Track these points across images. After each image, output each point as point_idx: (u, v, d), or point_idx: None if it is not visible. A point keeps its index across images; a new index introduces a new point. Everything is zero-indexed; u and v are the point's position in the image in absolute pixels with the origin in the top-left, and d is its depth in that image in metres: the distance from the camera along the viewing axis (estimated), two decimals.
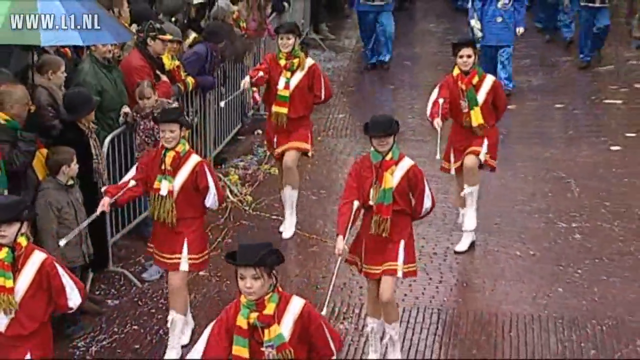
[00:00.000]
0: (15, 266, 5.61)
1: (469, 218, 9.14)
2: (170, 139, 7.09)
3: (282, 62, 9.13)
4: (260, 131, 11.87)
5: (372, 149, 7.04)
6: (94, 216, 7.17)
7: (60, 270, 5.74)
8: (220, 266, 9.15)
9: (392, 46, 15.46)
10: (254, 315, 5.02)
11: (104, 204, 7.06)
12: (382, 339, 7.41)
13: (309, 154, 9.68)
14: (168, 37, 9.53)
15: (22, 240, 5.64)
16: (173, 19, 10.65)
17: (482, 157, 8.91)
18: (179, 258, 7.22)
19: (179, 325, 7.37)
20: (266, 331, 5.04)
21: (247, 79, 9.35)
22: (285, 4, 13.64)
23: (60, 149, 8.02)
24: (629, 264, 9.51)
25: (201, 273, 8.61)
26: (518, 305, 8.69)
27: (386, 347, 7.39)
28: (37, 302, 5.68)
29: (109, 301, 8.50)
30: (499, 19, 13.46)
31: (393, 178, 6.92)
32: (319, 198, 10.82)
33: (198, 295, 8.54)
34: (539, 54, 16.27)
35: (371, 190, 6.95)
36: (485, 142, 8.91)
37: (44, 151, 8.00)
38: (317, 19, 16.84)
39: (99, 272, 8.73)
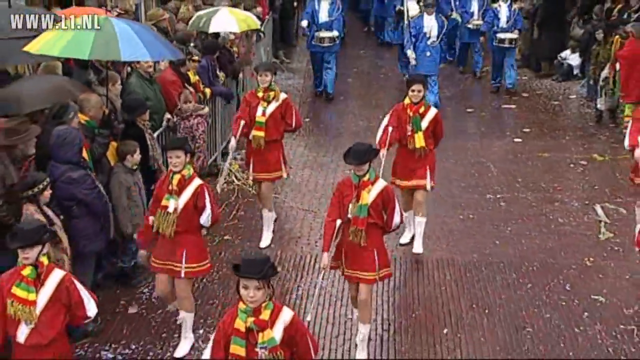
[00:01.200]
0: (37, 282, 5.30)
1: (418, 243, 8.70)
2: (177, 164, 6.81)
3: (260, 94, 8.75)
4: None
5: (351, 171, 6.81)
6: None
7: (78, 285, 5.47)
8: (240, 231, 9.50)
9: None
10: (251, 319, 4.84)
11: (142, 256, 7.21)
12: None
13: (284, 176, 9.24)
14: (196, 58, 9.82)
15: (44, 260, 5.38)
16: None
17: (428, 188, 8.59)
18: (179, 267, 6.90)
19: (189, 321, 7.13)
20: (260, 334, 4.87)
21: (232, 142, 8.94)
22: (262, 34, 13.74)
23: (126, 142, 8.12)
24: (543, 222, 9.92)
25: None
26: (469, 255, 9.04)
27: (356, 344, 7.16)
28: (55, 313, 5.37)
29: None
30: (428, 54, 13.36)
31: (369, 195, 6.69)
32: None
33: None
34: (452, 75, 16.54)
35: (350, 206, 6.70)
36: (428, 170, 8.56)
37: (114, 144, 8.11)
38: (275, 47, 16.98)
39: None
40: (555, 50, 16.39)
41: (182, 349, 7.10)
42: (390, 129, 8.42)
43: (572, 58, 15.99)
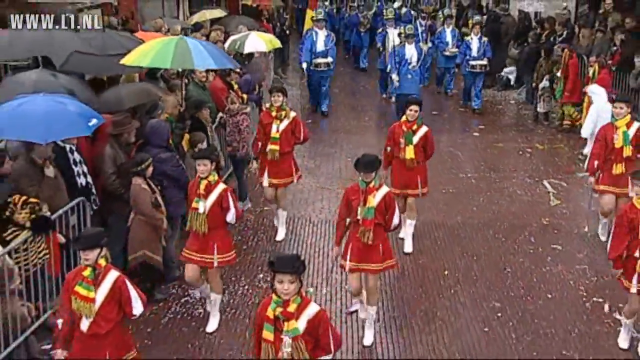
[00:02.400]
0: (96, 282, 5.03)
1: (408, 243, 8.41)
2: (204, 171, 6.54)
3: (274, 113, 8.42)
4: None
5: (360, 178, 6.46)
6: None
7: (129, 285, 5.15)
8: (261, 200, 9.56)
9: None
10: (279, 309, 4.60)
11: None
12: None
13: (294, 181, 8.90)
14: (238, 71, 10.08)
15: (102, 261, 5.09)
16: None
17: (420, 196, 8.37)
18: (212, 258, 6.65)
19: (218, 302, 6.92)
20: (286, 323, 4.61)
21: (254, 164, 8.90)
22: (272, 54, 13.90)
23: (195, 134, 8.31)
24: (506, 194, 10.28)
25: None
26: (454, 218, 9.42)
27: (365, 323, 6.80)
28: (111, 308, 5.07)
29: None
30: (409, 76, 13.01)
31: (375, 199, 6.38)
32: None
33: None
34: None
35: (359, 209, 6.38)
36: (419, 180, 8.26)
37: (187, 135, 8.33)
38: (275, 65, 16.91)
39: None
40: (494, 67, 16.30)
41: (212, 325, 6.88)
42: (388, 149, 8.21)
43: (510, 72, 16.57)
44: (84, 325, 5.03)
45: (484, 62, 14.37)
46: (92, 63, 8.23)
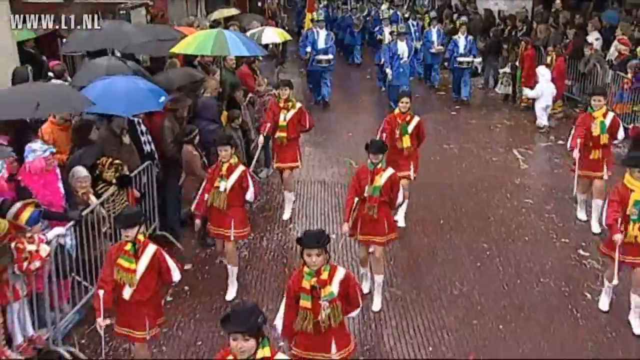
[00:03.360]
0: (136, 255, 4.95)
1: (401, 216, 8.13)
2: (225, 156, 6.39)
3: (281, 104, 8.32)
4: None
5: (368, 160, 6.30)
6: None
7: (166, 256, 5.07)
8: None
9: None
10: (314, 279, 4.48)
11: (197, 224, 6.58)
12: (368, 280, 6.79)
13: (300, 166, 8.71)
14: (260, 59, 10.24)
15: (141, 237, 4.98)
16: None
17: (412, 177, 8.03)
18: (229, 232, 6.48)
19: (235, 272, 6.72)
20: (322, 290, 4.50)
21: (261, 138, 8.59)
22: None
23: (233, 110, 8.68)
24: (483, 160, 10.58)
25: None
26: (444, 180, 9.73)
27: (372, 291, 6.64)
28: (150, 278, 4.99)
29: None
30: (401, 70, 12.93)
31: (381, 179, 6.23)
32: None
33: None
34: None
35: (366, 187, 6.23)
36: (411, 165, 7.96)
37: (225, 112, 8.63)
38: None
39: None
40: None
41: (231, 293, 6.69)
42: (384, 135, 7.82)
43: (478, 62, 16.85)
44: (127, 293, 4.96)
45: (470, 58, 14.12)
46: (147, 46, 8.58)
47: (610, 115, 7.83)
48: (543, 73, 12.03)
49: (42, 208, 5.42)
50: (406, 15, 16.71)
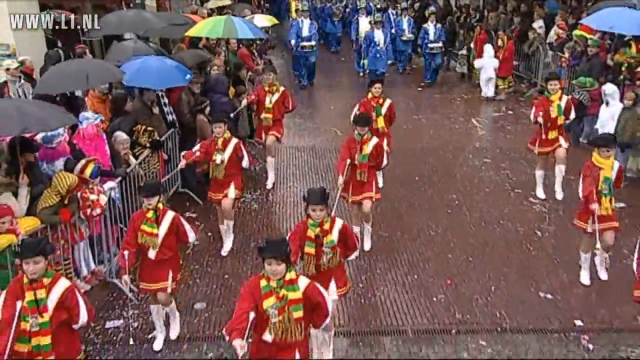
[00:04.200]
0: (157, 221, 4.97)
1: (379, 178, 7.67)
2: (219, 132, 6.39)
3: (267, 88, 8.21)
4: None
5: (355, 132, 6.38)
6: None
7: (183, 221, 5.13)
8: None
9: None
10: (318, 229, 4.62)
11: (182, 164, 6.52)
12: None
13: (280, 138, 8.50)
14: (257, 42, 10.61)
15: (160, 205, 5.01)
16: None
17: (388, 151, 7.39)
18: (228, 193, 6.53)
19: (231, 227, 6.75)
20: (324, 238, 4.64)
21: (244, 102, 8.36)
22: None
23: (240, 86, 8.82)
24: (447, 127, 10.86)
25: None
26: (416, 144, 9.93)
27: (363, 235, 6.79)
28: (170, 240, 5.05)
29: None
30: (378, 56, 12.91)
31: (368, 147, 6.35)
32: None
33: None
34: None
35: (356, 155, 6.33)
36: (385, 141, 7.57)
37: (232, 88, 8.78)
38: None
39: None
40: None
41: (227, 246, 6.76)
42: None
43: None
44: (152, 254, 5.00)
45: (440, 44, 13.92)
46: (164, 30, 8.78)
47: (565, 98, 7.67)
48: (488, 50, 12.60)
49: (100, 165, 5.73)
50: (378, 6, 16.70)
